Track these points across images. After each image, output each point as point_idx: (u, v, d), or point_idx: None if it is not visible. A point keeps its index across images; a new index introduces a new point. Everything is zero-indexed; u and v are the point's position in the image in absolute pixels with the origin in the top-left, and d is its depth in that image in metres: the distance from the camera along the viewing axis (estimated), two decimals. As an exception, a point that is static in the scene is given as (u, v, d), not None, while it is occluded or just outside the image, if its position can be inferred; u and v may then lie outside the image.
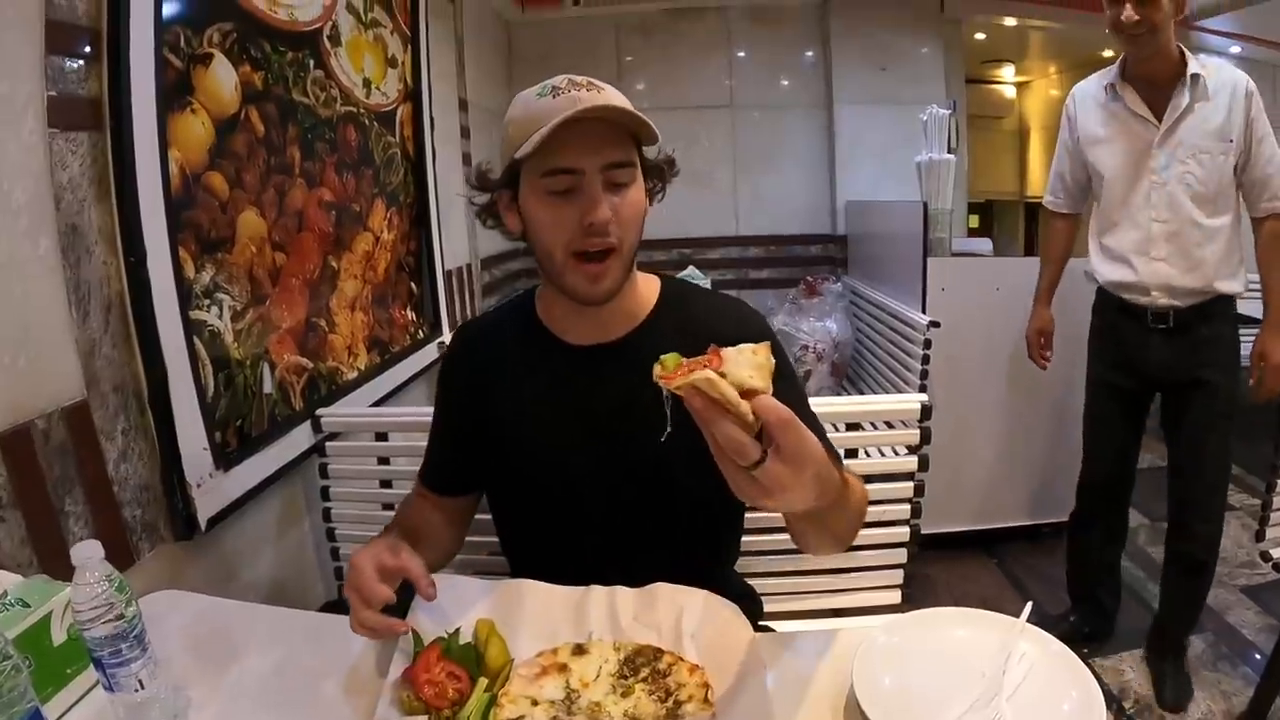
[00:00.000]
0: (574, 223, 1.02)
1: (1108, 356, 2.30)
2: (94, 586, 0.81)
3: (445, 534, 1.27)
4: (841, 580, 1.63)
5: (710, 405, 0.70)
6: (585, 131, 0.99)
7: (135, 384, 1.30)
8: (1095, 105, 2.21)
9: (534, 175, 1.04)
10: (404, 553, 0.97)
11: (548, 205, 1.04)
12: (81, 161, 1.19)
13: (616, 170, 1.03)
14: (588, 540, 1.16)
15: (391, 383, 2.24)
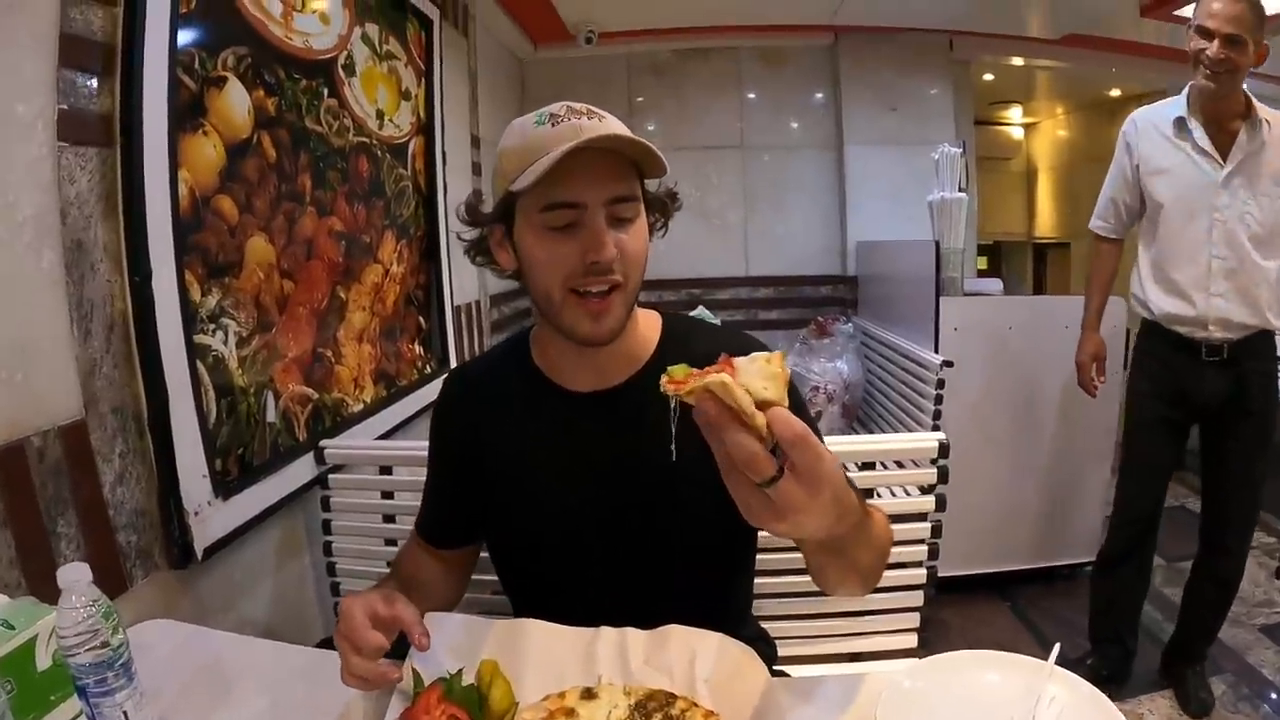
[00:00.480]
0: (575, 260, 0.96)
1: (1158, 388, 2.29)
2: (79, 611, 0.78)
3: (445, 583, 1.22)
4: (857, 624, 1.58)
5: (724, 413, 0.65)
6: (588, 163, 0.93)
7: (135, 406, 1.27)
8: (1159, 136, 2.20)
9: (532, 209, 0.97)
10: (398, 602, 0.91)
11: (546, 241, 0.97)
12: (90, 177, 1.18)
13: (620, 205, 0.97)
14: (592, 591, 1.09)
15: (397, 417, 2.21)
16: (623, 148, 0.95)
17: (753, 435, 0.64)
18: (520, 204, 0.98)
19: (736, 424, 0.65)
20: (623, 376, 1.08)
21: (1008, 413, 2.93)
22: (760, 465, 0.65)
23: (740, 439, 0.64)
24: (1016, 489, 2.98)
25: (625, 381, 1.08)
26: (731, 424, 0.65)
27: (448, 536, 1.22)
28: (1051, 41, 4.18)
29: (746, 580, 1.26)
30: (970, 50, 4.24)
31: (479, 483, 1.14)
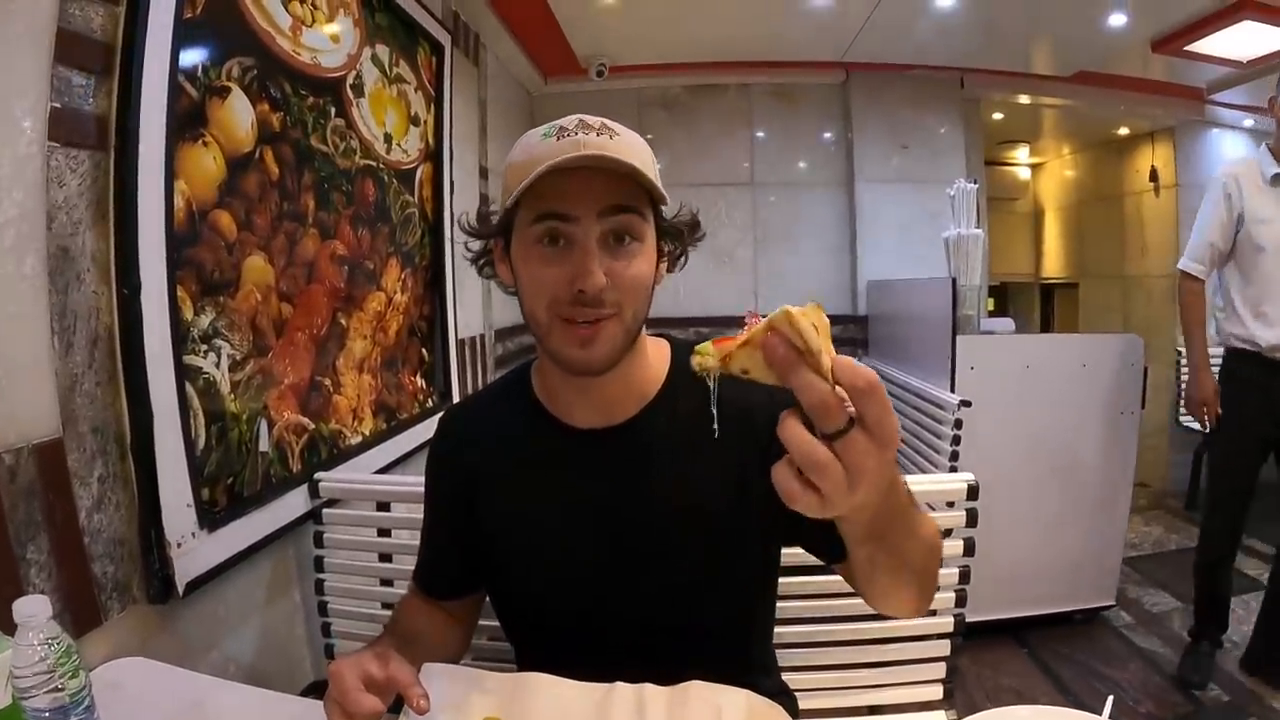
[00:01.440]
0: (561, 285, 0.89)
1: (1260, 411, 2.56)
2: (35, 650, 0.72)
3: (447, 637, 1.14)
4: (880, 675, 1.49)
5: (792, 353, 0.56)
6: (590, 178, 0.87)
7: (117, 427, 1.19)
8: (1258, 189, 2.55)
9: (525, 223, 0.92)
10: (393, 662, 0.83)
11: (535, 259, 0.91)
12: (81, 181, 1.12)
13: (619, 219, 0.90)
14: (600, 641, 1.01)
15: (396, 451, 2.13)
16: (603, 166, 0.87)
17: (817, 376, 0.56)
18: (517, 218, 0.93)
19: (805, 365, 0.56)
20: (629, 413, 1.01)
21: (1024, 454, 2.87)
22: (832, 411, 0.56)
23: (812, 379, 0.55)
24: (1033, 533, 2.91)
25: (631, 418, 1.01)
26: (800, 365, 0.56)
27: (447, 587, 1.15)
28: (1062, 79, 4.21)
29: (766, 627, 1.17)
30: (981, 88, 4.28)
31: (477, 528, 1.07)
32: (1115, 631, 3.00)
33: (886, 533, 0.73)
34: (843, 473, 0.56)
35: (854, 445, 0.56)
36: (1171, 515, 4.25)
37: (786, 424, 0.58)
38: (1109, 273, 5.30)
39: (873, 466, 0.57)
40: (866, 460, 0.56)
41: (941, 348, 2.82)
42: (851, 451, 0.56)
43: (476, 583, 1.14)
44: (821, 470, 0.56)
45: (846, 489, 0.57)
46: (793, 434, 0.57)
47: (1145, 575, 3.46)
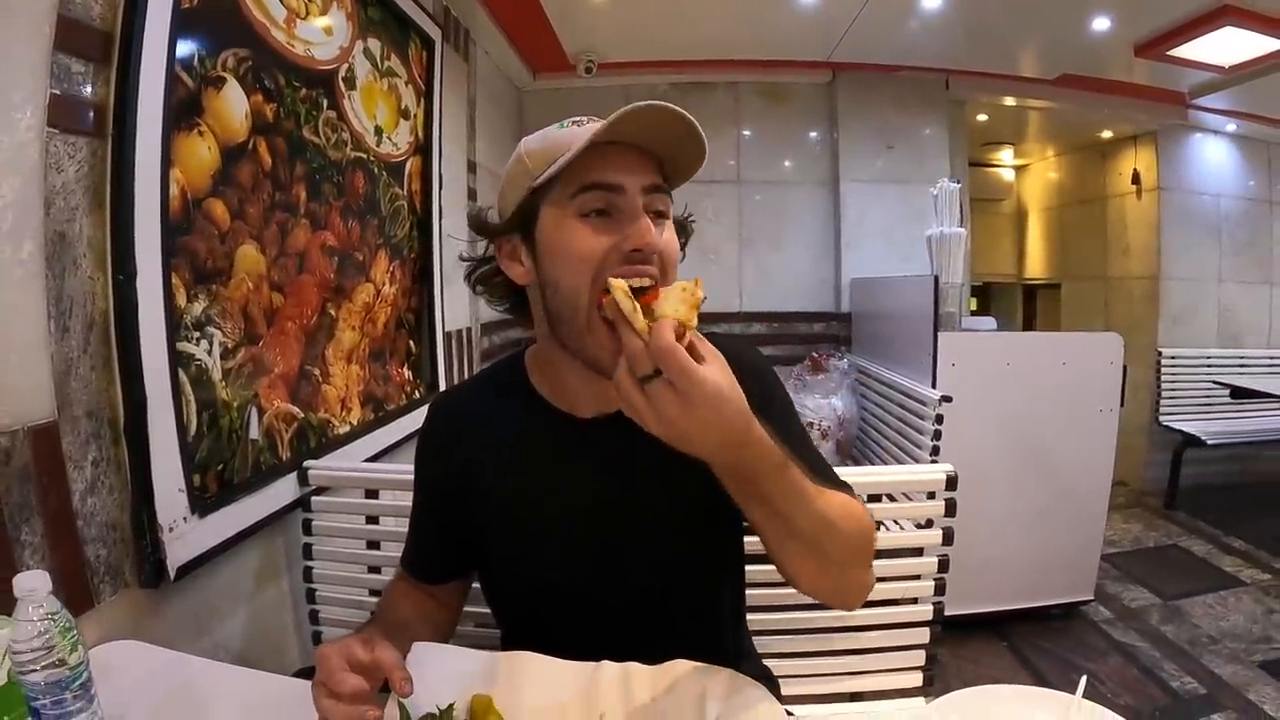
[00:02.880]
0: (610, 249, 0.89)
1: None
2: (35, 624, 0.73)
3: (434, 622, 1.15)
4: (861, 662, 1.52)
5: (620, 315, 0.76)
6: (626, 152, 0.90)
7: (111, 412, 1.20)
8: None
9: (562, 198, 0.91)
10: (379, 646, 0.85)
11: (579, 229, 0.90)
12: (78, 167, 1.13)
13: (657, 195, 0.92)
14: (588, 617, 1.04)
15: (384, 441, 2.14)
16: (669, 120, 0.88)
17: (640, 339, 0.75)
18: (547, 198, 0.93)
19: (627, 323, 0.75)
20: None
21: (1004, 450, 2.90)
22: (639, 361, 0.74)
23: (628, 335, 0.75)
24: (1013, 527, 2.95)
25: None
26: (624, 322, 0.75)
27: (435, 571, 1.16)
28: (1046, 81, 4.25)
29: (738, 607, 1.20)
30: (966, 90, 4.31)
31: (469, 514, 1.08)
32: (1094, 626, 3.05)
33: (758, 489, 0.82)
34: (644, 403, 0.74)
35: (654, 391, 0.74)
36: (1151, 513, 4.32)
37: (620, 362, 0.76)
38: (1091, 274, 5.35)
39: (674, 414, 0.73)
40: (667, 407, 0.73)
41: (923, 344, 2.86)
42: (654, 394, 0.74)
43: (464, 566, 1.16)
44: (625, 396, 0.76)
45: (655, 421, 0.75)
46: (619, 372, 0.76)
47: (1124, 571, 3.52)
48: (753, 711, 0.86)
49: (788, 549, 0.88)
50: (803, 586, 0.93)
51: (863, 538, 0.93)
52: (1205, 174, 4.72)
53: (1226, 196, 4.74)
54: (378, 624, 1.05)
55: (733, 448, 0.77)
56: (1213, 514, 4.18)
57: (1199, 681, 2.60)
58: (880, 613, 1.50)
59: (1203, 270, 4.71)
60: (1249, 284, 4.81)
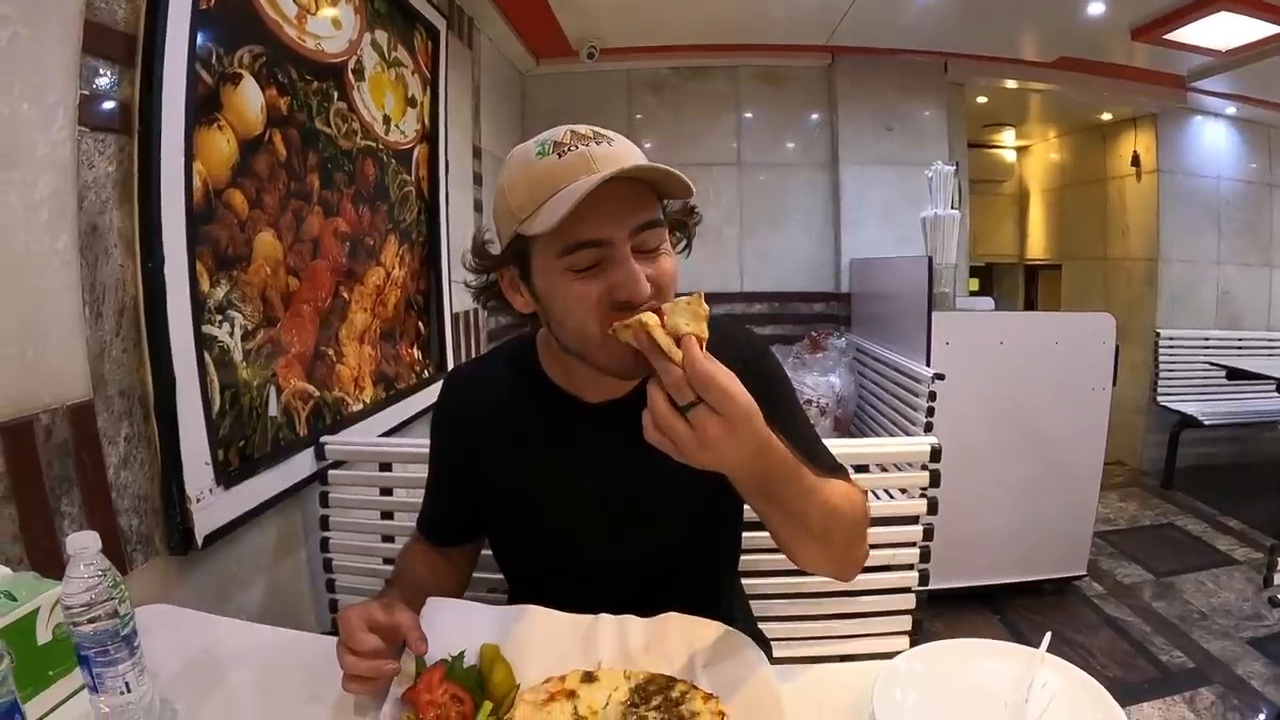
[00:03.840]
0: (604, 295, 0.89)
1: None
2: (88, 580, 0.78)
3: (447, 582, 1.21)
4: (849, 626, 1.59)
5: (653, 345, 0.76)
6: (607, 194, 0.85)
7: (142, 390, 1.28)
8: None
9: (548, 254, 0.90)
10: (397, 609, 0.92)
11: (571, 284, 0.90)
12: (108, 163, 1.20)
13: (646, 233, 0.91)
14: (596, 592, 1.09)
15: (395, 419, 2.22)
16: (645, 176, 0.88)
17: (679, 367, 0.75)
18: (536, 247, 0.92)
19: (663, 355, 0.76)
20: (629, 387, 1.07)
21: (998, 427, 2.96)
22: (683, 389, 0.75)
23: (668, 365, 0.76)
24: (1006, 503, 3.01)
25: (634, 389, 1.07)
26: (660, 354, 0.76)
27: (449, 534, 1.23)
28: (1044, 64, 4.26)
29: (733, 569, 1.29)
30: (964, 73, 4.32)
31: (481, 485, 1.15)
32: (1086, 600, 3.10)
33: (774, 492, 0.86)
34: (690, 434, 0.76)
35: (698, 416, 0.75)
36: (1147, 493, 4.35)
37: (651, 390, 0.77)
38: (1091, 255, 5.36)
39: (718, 435, 0.75)
40: (711, 429, 0.75)
41: (918, 323, 2.90)
42: (698, 421, 0.75)
43: (476, 532, 1.23)
44: (670, 429, 0.77)
45: (697, 447, 0.76)
46: (653, 399, 0.77)
47: (1118, 549, 3.57)
48: (739, 658, 0.92)
49: (799, 541, 0.94)
50: (809, 568, 1.00)
51: (861, 519, 1.01)
52: (1205, 157, 4.71)
53: (1226, 179, 4.73)
54: (395, 588, 1.12)
55: (757, 458, 0.80)
56: (1209, 494, 4.21)
57: (1188, 656, 2.65)
58: (868, 579, 1.56)
59: (1202, 252, 4.72)
60: (1248, 266, 4.81)
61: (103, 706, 0.80)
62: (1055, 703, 0.84)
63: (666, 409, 0.76)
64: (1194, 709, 2.35)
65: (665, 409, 0.76)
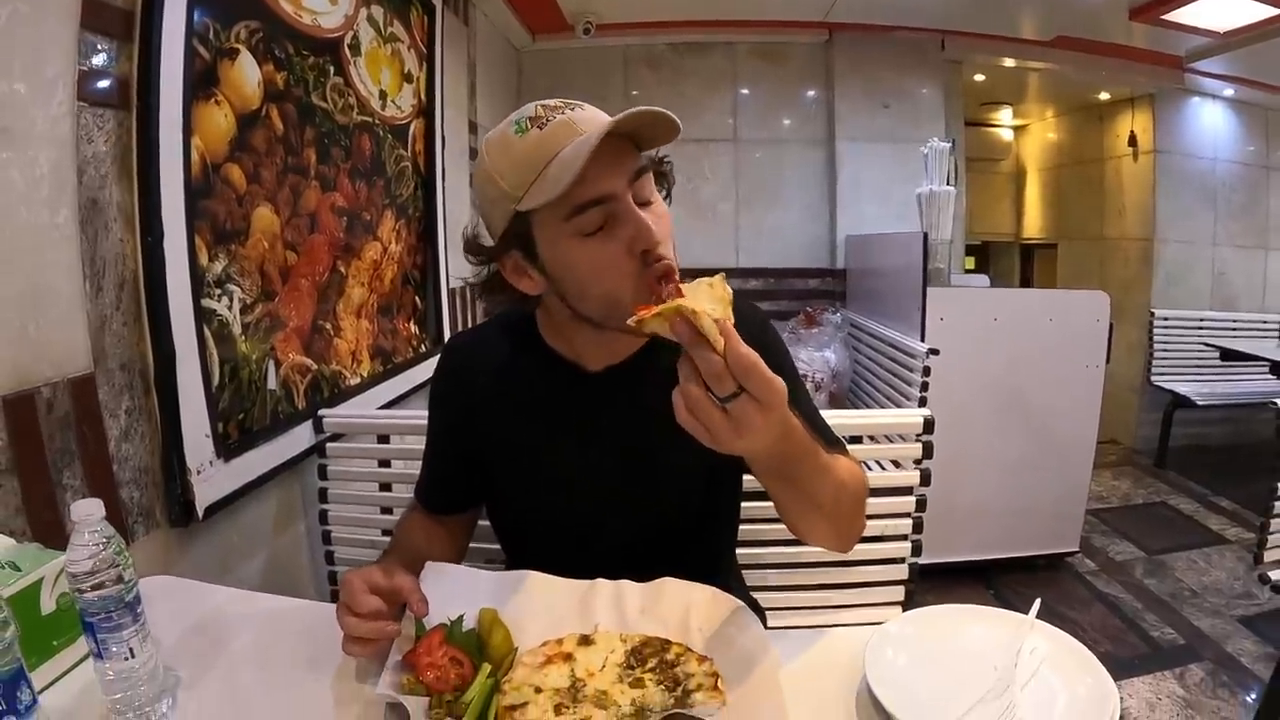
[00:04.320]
0: (625, 257, 0.91)
1: None
2: (92, 546, 0.78)
3: (445, 551, 1.21)
4: (842, 596, 1.62)
5: (695, 334, 0.72)
6: (599, 153, 0.85)
7: (142, 364, 1.30)
8: None
9: (554, 220, 0.92)
10: (398, 574, 0.93)
11: (585, 249, 0.92)
12: (107, 138, 1.21)
13: (641, 181, 0.93)
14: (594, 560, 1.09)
15: (392, 392, 2.23)
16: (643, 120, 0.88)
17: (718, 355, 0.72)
18: (537, 219, 0.93)
19: (705, 344, 0.72)
20: (630, 351, 1.10)
21: (992, 403, 2.98)
22: (725, 380, 0.72)
23: (709, 355, 0.71)
24: (999, 478, 3.04)
25: (632, 355, 1.10)
26: (701, 343, 0.72)
27: (447, 501, 1.24)
28: (1042, 43, 4.24)
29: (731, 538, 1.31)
30: (961, 50, 4.30)
31: (478, 454, 1.16)
32: (1079, 576, 3.15)
33: (791, 472, 0.88)
34: (728, 422, 0.73)
35: (739, 406, 0.73)
36: (1140, 471, 4.39)
37: (684, 375, 0.74)
38: (1087, 234, 5.36)
39: (758, 423, 0.73)
40: (751, 418, 0.73)
41: (913, 299, 2.92)
42: (737, 410, 0.73)
43: (474, 500, 1.25)
44: (709, 418, 0.73)
45: (733, 435, 0.74)
46: (689, 392, 0.73)
47: (1111, 526, 3.61)
48: (733, 621, 0.94)
49: (808, 518, 0.97)
50: (811, 542, 1.04)
51: (863, 494, 1.04)
52: (1202, 138, 4.70)
53: (1223, 161, 4.73)
54: (394, 554, 1.14)
55: (782, 441, 0.79)
56: (1202, 473, 4.24)
57: (1179, 633, 2.69)
58: (862, 549, 1.58)
59: (1197, 233, 4.72)
60: (1244, 248, 4.81)
61: (108, 672, 0.81)
62: (1044, 667, 0.86)
63: (703, 397, 0.73)
64: (1184, 684, 2.38)
65: (702, 397, 0.73)
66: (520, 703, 0.83)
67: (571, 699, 0.84)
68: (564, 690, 0.85)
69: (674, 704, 0.81)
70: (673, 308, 0.73)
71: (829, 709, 0.86)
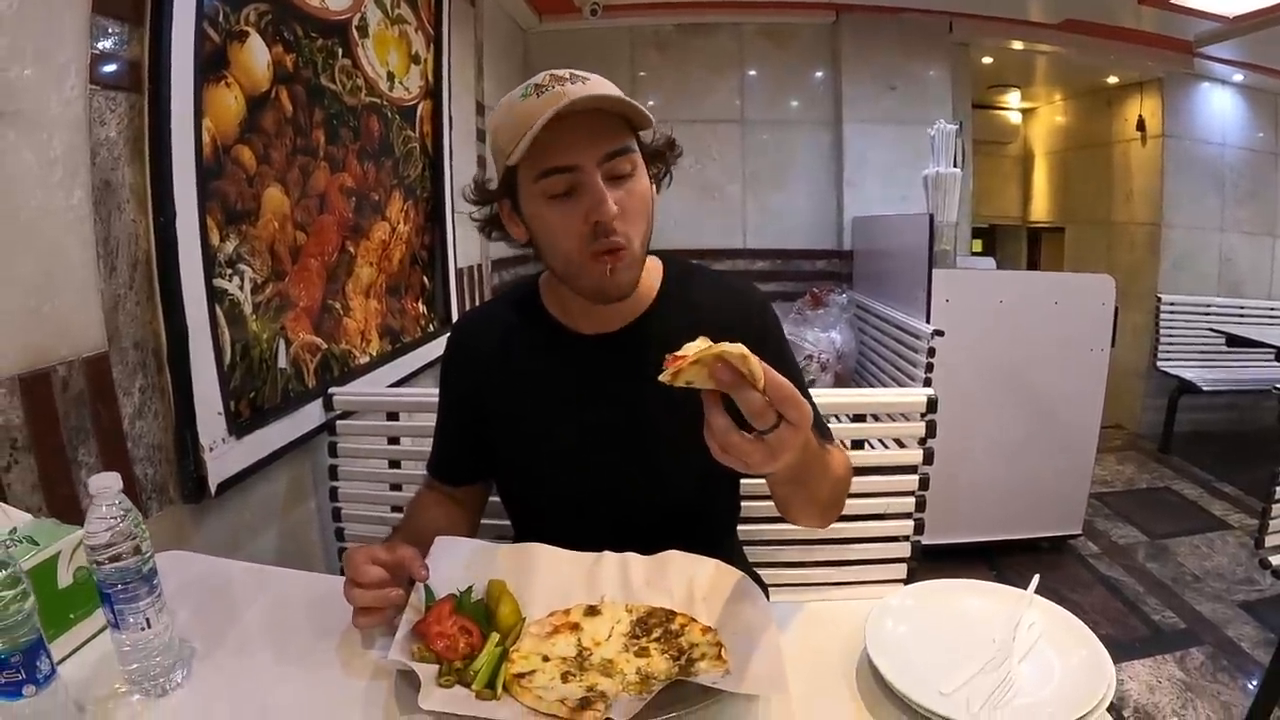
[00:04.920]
0: (580, 223, 0.99)
1: None
2: (110, 519, 0.80)
3: (457, 525, 1.24)
4: (845, 573, 1.63)
5: (737, 377, 0.75)
6: (577, 126, 0.96)
7: (155, 342, 1.32)
8: None
9: (529, 180, 1.01)
10: (399, 547, 0.96)
11: (550, 209, 1.01)
12: (119, 120, 1.22)
13: (615, 160, 1.00)
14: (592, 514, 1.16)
15: (400, 372, 2.26)
16: (605, 106, 0.97)
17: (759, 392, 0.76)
18: (520, 177, 1.02)
19: (747, 385, 0.76)
20: (625, 321, 1.15)
21: (996, 385, 2.98)
22: (768, 416, 0.76)
23: (753, 395, 0.76)
24: (1003, 460, 3.04)
25: (627, 325, 1.15)
26: (744, 385, 0.76)
27: (458, 472, 1.27)
28: (1050, 26, 4.20)
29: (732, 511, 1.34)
30: (969, 32, 4.27)
31: (489, 419, 1.19)
32: (1081, 559, 3.16)
33: (803, 479, 0.93)
34: (765, 450, 0.78)
35: (779, 435, 0.77)
36: (1144, 456, 4.39)
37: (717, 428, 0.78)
38: (1095, 219, 5.34)
39: (792, 444, 0.78)
40: (786, 442, 0.77)
41: (918, 280, 2.92)
42: (778, 440, 0.77)
43: (484, 470, 1.27)
44: (749, 455, 0.78)
45: (771, 460, 0.78)
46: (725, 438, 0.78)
47: (1115, 510, 3.61)
48: (736, 593, 0.96)
49: (805, 510, 1.05)
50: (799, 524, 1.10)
51: (849, 483, 1.12)
52: (1211, 123, 4.66)
53: (1231, 146, 4.69)
54: (401, 534, 1.16)
55: (803, 452, 0.83)
56: (1206, 459, 4.23)
57: (1180, 617, 2.71)
58: (865, 527, 1.60)
59: (1205, 219, 4.69)
60: (1251, 234, 4.78)
61: (124, 643, 0.83)
62: (1041, 641, 0.88)
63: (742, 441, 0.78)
64: (1184, 668, 2.40)
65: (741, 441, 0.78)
66: (528, 670, 0.85)
67: (578, 667, 0.86)
68: (571, 659, 0.87)
69: (678, 672, 0.83)
70: (714, 353, 0.75)
71: (830, 679, 0.88)
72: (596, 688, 0.82)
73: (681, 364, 0.76)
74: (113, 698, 0.83)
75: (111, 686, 0.84)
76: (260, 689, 0.86)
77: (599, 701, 0.79)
